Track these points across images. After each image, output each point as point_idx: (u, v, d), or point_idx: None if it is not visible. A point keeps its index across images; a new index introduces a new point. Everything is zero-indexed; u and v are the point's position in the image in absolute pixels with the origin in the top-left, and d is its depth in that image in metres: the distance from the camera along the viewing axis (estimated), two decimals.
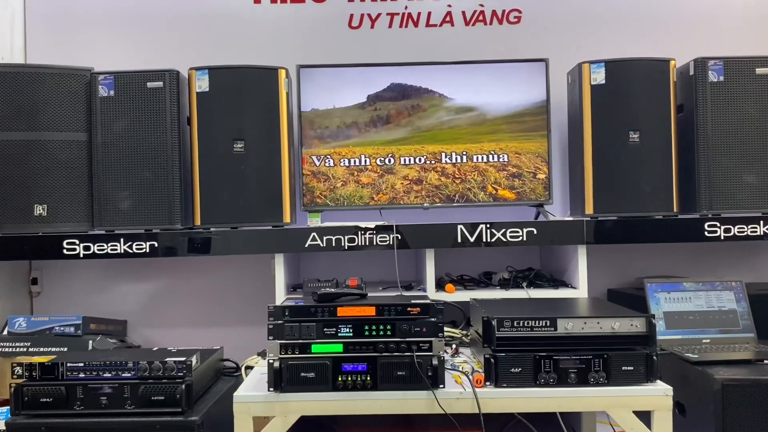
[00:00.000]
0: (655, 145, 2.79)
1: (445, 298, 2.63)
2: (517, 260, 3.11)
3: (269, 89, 2.80)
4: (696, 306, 2.59)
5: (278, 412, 1.99)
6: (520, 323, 2.03)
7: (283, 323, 2.00)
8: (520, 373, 2.00)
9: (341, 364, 1.99)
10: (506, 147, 2.96)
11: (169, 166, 2.73)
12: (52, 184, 2.72)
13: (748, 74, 2.77)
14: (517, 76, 2.96)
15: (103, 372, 2.05)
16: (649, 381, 2.00)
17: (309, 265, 3.24)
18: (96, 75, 2.76)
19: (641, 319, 2.04)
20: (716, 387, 2.12)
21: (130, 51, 3.23)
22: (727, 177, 2.76)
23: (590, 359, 2.00)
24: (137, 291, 3.26)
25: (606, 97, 2.80)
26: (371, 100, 2.97)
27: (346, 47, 3.26)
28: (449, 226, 2.76)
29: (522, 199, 2.97)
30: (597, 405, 2.06)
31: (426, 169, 2.97)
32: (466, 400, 1.97)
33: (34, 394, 2.03)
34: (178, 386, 2.03)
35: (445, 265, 3.00)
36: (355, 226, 2.73)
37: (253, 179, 2.77)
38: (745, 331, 2.56)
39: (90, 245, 2.72)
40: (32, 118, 2.71)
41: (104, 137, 2.74)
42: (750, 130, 2.76)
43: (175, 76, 2.76)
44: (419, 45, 3.27)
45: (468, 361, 2.28)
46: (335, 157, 2.96)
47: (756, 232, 2.76)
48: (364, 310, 2.02)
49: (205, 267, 3.23)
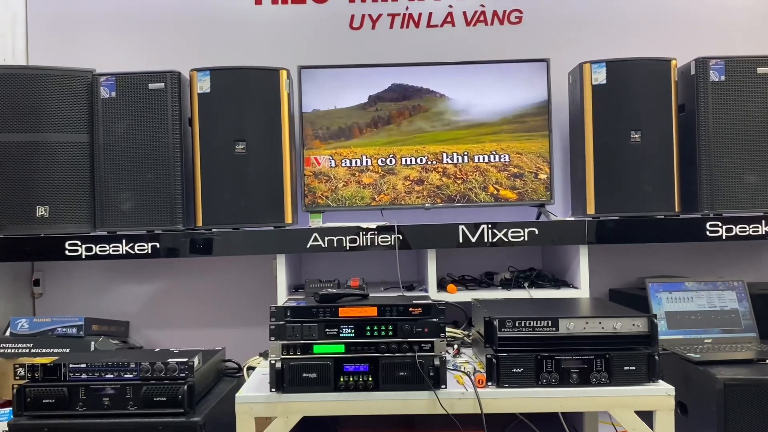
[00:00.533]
0: (656, 144, 2.79)
1: (446, 299, 2.63)
2: (518, 260, 3.11)
3: (270, 90, 2.80)
4: (698, 306, 2.59)
5: (280, 412, 1.99)
6: (521, 323, 2.03)
7: (285, 324, 2.00)
8: (522, 373, 2.00)
9: (343, 364, 1.99)
10: (507, 147, 2.96)
11: (170, 167, 2.74)
12: (54, 185, 2.72)
13: (749, 74, 2.77)
14: (518, 77, 2.96)
15: (105, 373, 2.06)
16: (651, 381, 2.00)
17: (310, 265, 3.24)
18: (98, 76, 2.76)
19: (643, 319, 2.04)
20: (718, 387, 2.12)
21: (132, 52, 3.24)
22: (729, 176, 2.76)
23: (592, 359, 2.00)
24: (139, 292, 3.26)
25: (607, 96, 2.80)
26: (372, 101, 2.98)
27: (347, 48, 3.27)
28: (451, 226, 2.76)
29: (523, 200, 2.97)
30: (599, 405, 2.06)
31: (427, 170, 2.97)
32: (468, 400, 1.97)
33: (36, 395, 2.03)
34: (180, 387, 2.03)
35: (447, 266, 3.00)
36: (356, 226, 2.73)
37: (254, 180, 2.77)
38: (747, 330, 2.55)
39: (92, 246, 2.73)
40: (34, 119, 2.72)
41: (106, 138, 2.75)
42: (751, 130, 2.76)
43: (176, 78, 2.76)
44: (420, 45, 3.27)
45: (470, 361, 2.28)
46: (336, 158, 2.96)
47: (758, 231, 2.76)
48: (366, 310, 2.02)
49: (207, 268, 3.24)
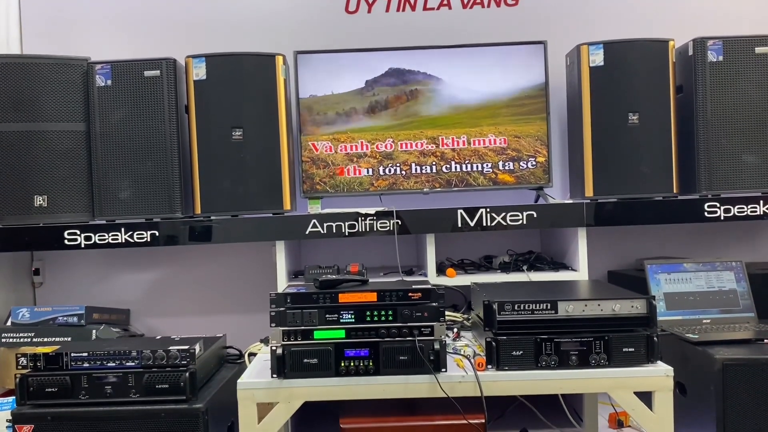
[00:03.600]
0: (654, 126, 2.78)
1: (446, 283, 2.64)
2: (517, 244, 3.12)
3: (267, 76, 2.79)
4: (696, 286, 2.60)
5: (282, 398, 2.00)
6: (520, 306, 2.04)
7: (285, 310, 2.00)
8: (522, 356, 2.01)
9: (344, 349, 2.00)
10: (505, 131, 2.96)
11: (168, 155, 2.73)
12: (51, 174, 2.72)
13: (747, 53, 2.76)
14: (515, 59, 2.95)
15: (107, 361, 2.06)
16: (650, 362, 2.01)
17: (310, 251, 3.24)
18: (93, 64, 2.75)
19: (642, 300, 2.04)
20: (717, 367, 2.13)
21: (127, 40, 3.22)
22: (727, 157, 2.76)
23: (591, 341, 2.00)
24: (139, 280, 3.27)
25: (605, 78, 2.79)
26: (369, 86, 2.96)
27: (343, 32, 3.24)
28: (449, 210, 2.76)
29: (522, 183, 2.97)
30: (598, 386, 2.07)
31: (425, 154, 2.96)
32: (468, 383, 1.98)
33: (39, 384, 2.04)
34: (181, 374, 2.04)
35: (446, 250, 3.00)
36: (355, 212, 2.73)
37: (252, 167, 2.77)
38: (745, 310, 2.57)
39: (91, 235, 2.73)
40: (30, 108, 2.70)
41: (103, 127, 2.74)
42: (750, 110, 2.76)
43: (172, 65, 2.75)
44: (417, 29, 3.24)
45: (469, 344, 2.29)
46: (334, 144, 2.96)
47: (756, 211, 2.76)
48: (366, 296, 2.02)
49: (207, 255, 3.24)
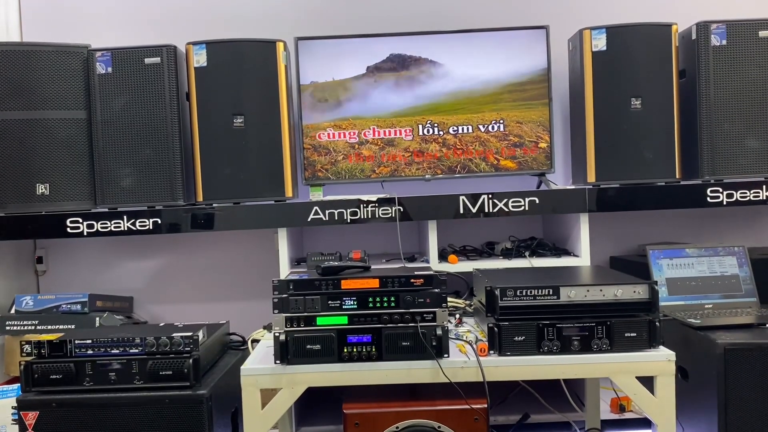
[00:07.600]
0: (657, 111, 2.77)
1: (448, 269, 2.64)
2: (519, 230, 3.12)
3: (267, 63, 2.78)
4: (698, 272, 2.60)
5: (285, 384, 2.02)
6: (523, 292, 2.04)
7: (288, 297, 2.01)
8: (524, 341, 2.02)
9: (346, 335, 2.01)
10: (507, 116, 2.95)
11: (169, 143, 2.73)
12: (53, 162, 2.72)
13: (751, 37, 2.74)
14: (517, 44, 2.93)
15: (111, 348, 2.08)
16: (651, 347, 2.01)
17: (312, 238, 3.25)
18: (93, 52, 2.73)
19: (644, 285, 2.05)
20: (718, 351, 2.13)
21: (127, 27, 3.20)
22: (730, 142, 2.75)
23: (593, 326, 2.01)
24: (142, 267, 3.27)
25: (607, 63, 2.78)
26: (371, 72, 2.95)
27: (344, 18, 3.22)
28: (451, 197, 2.75)
29: (524, 169, 2.96)
30: (600, 371, 2.07)
31: (427, 141, 2.95)
32: (471, 368, 1.99)
33: (43, 371, 2.05)
34: (185, 361, 2.05)
35: (448, 236, 3.01)
36: (357, 199, 2.73)
37: (253, 154, 2.76)
38: (747, 295, 2.57)
39: (93, 223, 2.73)
40: (30, 96, 2.70)
41: (104, 115, 2.73)
42: (753, 95, 2.74)
43: (172, 52, 2.73)
44: (418, 14, 3.22)
45: (472, 330, 2.30)
46: (336, 130, 2.95)
47: (758, 196, 2.75)
48: (368, 282, 2.03)
49: (209, 242, 3.24)
